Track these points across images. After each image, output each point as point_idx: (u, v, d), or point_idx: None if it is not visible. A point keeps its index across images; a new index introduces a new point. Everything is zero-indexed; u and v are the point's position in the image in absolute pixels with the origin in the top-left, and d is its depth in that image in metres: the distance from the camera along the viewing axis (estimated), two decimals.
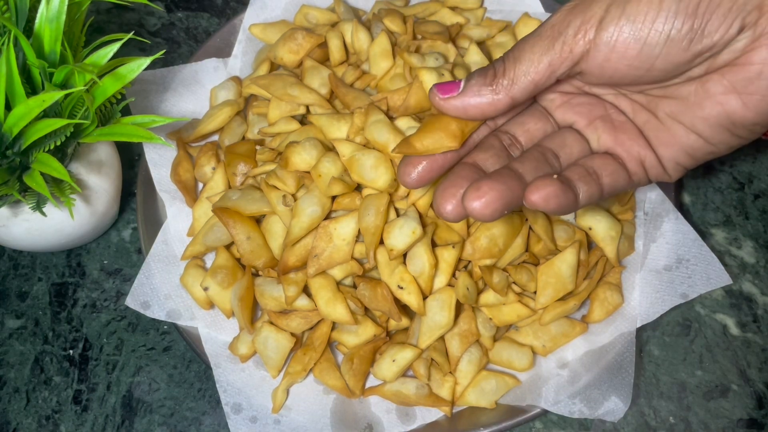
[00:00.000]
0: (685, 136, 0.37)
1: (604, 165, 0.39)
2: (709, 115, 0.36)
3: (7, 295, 0.58)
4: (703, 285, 0.53)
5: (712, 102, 0.35)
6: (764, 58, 0.32)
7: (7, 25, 0.44)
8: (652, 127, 0.38)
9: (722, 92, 0.35)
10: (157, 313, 0.53)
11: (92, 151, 0.53)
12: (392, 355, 0.49)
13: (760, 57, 0.32)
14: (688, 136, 0.37)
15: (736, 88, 0.34)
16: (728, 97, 0.34)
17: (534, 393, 0.51)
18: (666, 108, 0.37)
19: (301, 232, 0.49)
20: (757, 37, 0.32)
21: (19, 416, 0.53)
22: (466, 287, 0.49)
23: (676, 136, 0.38)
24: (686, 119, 0.37)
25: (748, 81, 0.33)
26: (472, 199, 0.35)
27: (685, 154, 0.38)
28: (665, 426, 0.52)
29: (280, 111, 0.56)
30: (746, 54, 0.33)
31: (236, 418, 0.50)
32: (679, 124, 0.37)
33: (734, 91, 0.34)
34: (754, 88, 0.33)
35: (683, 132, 0.37)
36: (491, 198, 0.35)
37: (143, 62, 0.47)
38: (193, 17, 0.71)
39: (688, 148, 0.37)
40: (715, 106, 0.35)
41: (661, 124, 0.38)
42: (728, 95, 0.34)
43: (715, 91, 0.35)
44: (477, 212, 0.35)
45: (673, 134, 0.38)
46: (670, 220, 0.55)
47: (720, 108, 0.35)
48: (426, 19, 0.61)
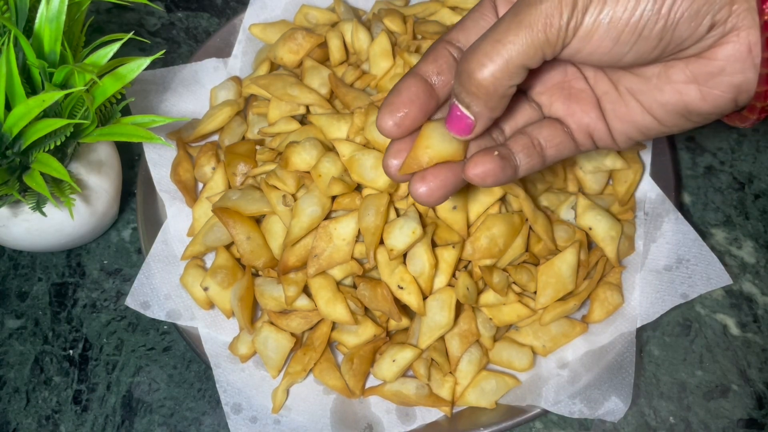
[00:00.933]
0: (640, 115, 0.37)
1: (551, 136, 0.38)
2: (667, 101, 0.36)
3: (7, 295, 0.58)
4: (704, 285, 0.53)
5: (671, 88, 0.35)
6: (728, 55, 0.32)
7: (7, 25, 0.44)
8: (611, 99, 0.38)
9: (683, 81, 0.34)
10: (157, 313, 0.53)
11: (92, 151, 0.53)
12: (392, 355, 0.49)
13: (724, 53, 0.33)
14: (644, 116, 0.37)
15: (697, 80, 0.34)
16: (688, 86, 0.34)
17: (534, 393, 0.51)
18: (627, 83, 0.37)
19: (301, 232, 0.49)
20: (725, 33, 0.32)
21: (19, 416, 0.53)
22: (466, 287, 0.49)
23: (631, 113, 0.37)
24: (644, 99, 0.37)
25: (710, 75, 0.33)
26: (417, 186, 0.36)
27: (637, 131, 0.38)
28: (665, 426, 0.52)
29: (280, 111, 0.56)
30: (712, 49, 0.33)
31: (236, 418, 0.50)
32: (637, 102, 0.37)
33: (695, 82, 0.34)
34: (715, 83, 0.33)
35: (639, 111, 0.37)
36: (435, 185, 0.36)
37: (143, 62, 0.47)
38: (193, 17, 0.71)
39: (641, 126, 0.37)
40: (674, 93, 0.35)
41: (620, 98, 0.38)
42: (689, 85, 0.34)
43: (676, 79, 0.35)
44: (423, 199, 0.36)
45: (629, 110, 0.37)
46: (670, 220, 0.55)
47: (678, 96, 0.35)
48: (426, 19, 0.61)
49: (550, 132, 0.38)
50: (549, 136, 0.38)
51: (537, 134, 0.38)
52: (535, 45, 0.33)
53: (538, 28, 0.32)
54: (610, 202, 0.56)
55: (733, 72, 0.33)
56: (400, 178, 0.38)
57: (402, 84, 0.37)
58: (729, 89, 0.33)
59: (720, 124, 0.64)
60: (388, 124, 0.36)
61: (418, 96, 0.36)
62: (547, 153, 0.38)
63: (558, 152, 0.39)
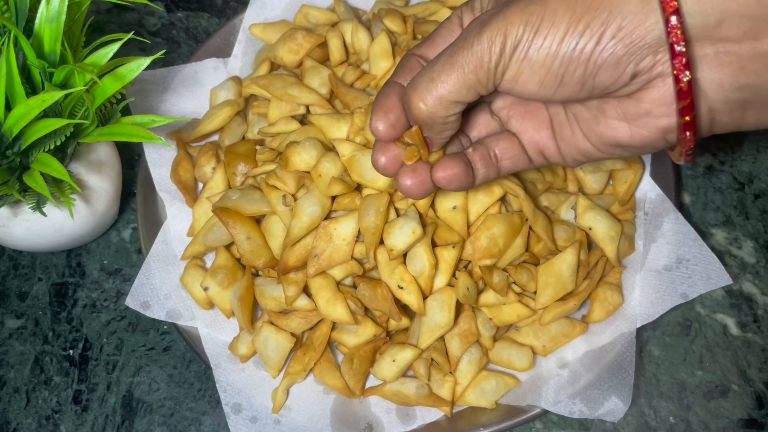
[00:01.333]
0: (582, 141, 0.38)
1: (507, 148, 0.40)
2: (602, 133, 0.37)
3: (7, 295, 0.58)
4: (704, 285, 0.53)
5: (605, 123, 0.36)
6: (653, 99, 0.33)
7: (7, 25, 0.44)
8: (559, 120, 0.39)
9: (615, 117, 0.35)
10: (157, 313, 0.53)
11: (92, 151, 0.53)
12: (392, 355, 0.49)
13: (650, 97, 0.33)
14: (584, 142, 0.38)
15: (627, 118, 0.35)
16: (620, 123, 0.35)
17: (534, 393, 0.51)
18: (574, 108, 0.38)
19: (301, 232, 0.49)
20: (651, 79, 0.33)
21: (19, 416, 0.53)
22: (466, 287, 0.49)
23: (575, 138, 0.38)
24: (584, 127, 0.38)
25: (638, 116, 0.34)
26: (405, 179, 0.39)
27: (580, 154, 0.39)
28: (665, 426, 0.52)
29: (280, 111, 0.56)
30: (640, 91, 0.33)
31: (236, 418, 0.50)
32: (579, 128, 0.38)
33: (625, 120, 0.35)
34: (642, 123, 0.34)
35: (581, 136, 0.38)
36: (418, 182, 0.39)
37: (143, 62, 0.47)
38: (193, 17, 0.71)
39: (583, 150, 0.38)
40: (606, 127, 0.36)
41: (566, 121, 0.39)
42: (620, 122, 0.35)
43: (610, 114, 0.36)
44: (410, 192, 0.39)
45: (573, 134, 0.38)
46: (670, 220, 0.55)
47: (610, 131, 0.36)
48: (426, 19, 0.61)
49: (506, 145, 0.40)
50: (504, 149, 0.40)
51: (494, 146, 0.40)
52: (466, 85, 0.35)
53: (469, 69, 0.35)
54: (610, 202, 0.56)
55: (659, 115, 0.34)
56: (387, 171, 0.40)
57: (385, 91, 0.39)
58: (655, 130, 0.34)
59: None
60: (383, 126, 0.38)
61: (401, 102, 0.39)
62: (501, 165, 0.41)
63: (512, 164, 0.41)
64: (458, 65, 0.35)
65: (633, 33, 0.31)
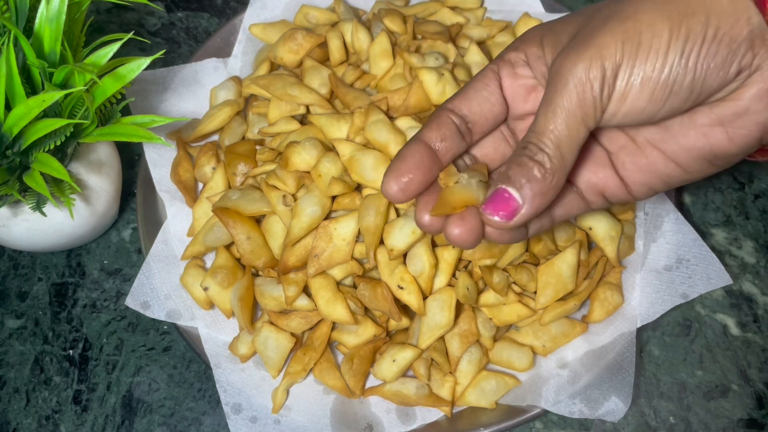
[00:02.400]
0: (663, 164, 0.37)
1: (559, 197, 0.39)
2: (693, 146, 0.36)
3: (7, 295, 0.58)
4: (704, 285, 0.53)
5: (697, 133, 0.35)
6: (753, 95, 0.33)
7: (7, 25, 0.44)
8: (629, 152, 0.38)
9: (708, 124, 0.35)
10: (157, 313, 0.53)
11: (92, 151, 0.53)
12: (392, 355, 0.49)
13: (749, 94, 0.33)
14: (667, 164, 0.37)
15: (723, 122, 0.34)
16: (714, 129, 0.35)
17: (534, 393, 0.51)
18: (647, 134, 0.37)
19: (301, 232, 0.49)
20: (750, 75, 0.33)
21: (19, 416, 0.53)
22: (466, 287, 0.49)
23: (653, 163, 0.37)
24: (667, 147, 0.37)
25: (736, 116, 0.34)
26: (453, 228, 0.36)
27: (659, 181, 0.38)
28: (665, 426, 0.52)
29: (280, 111, 0.56)
30: (736, 91, 0.33)
31: (236, 418, 0.50)
32: (659, 151, 0.37)
33: (720, 125, 0.34)
34: (741, 123, 0.34)
35: (661, 160, 0.37)
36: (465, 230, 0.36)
37: (143, 62, 0.47)
38: (193, 17, 0.71)
39: (664, 175, 0.37)
40: (699, 137, 0.35)
41: (639, 150, 0.38)
42: (714, 128, 0.35)
43: (701, 123, 0.35)
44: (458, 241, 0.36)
45: (650, 161, 0.37)
46: (670, 220, 0.55)
47: (705, 140, 0.35)
48: (426, 19, 0.61)
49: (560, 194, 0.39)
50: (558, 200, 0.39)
51: None
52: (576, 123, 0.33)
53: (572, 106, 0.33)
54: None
55: (758, 110, 0.33)
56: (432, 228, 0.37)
57: (406, 150, 0.37)
58: (756, 127, 0.34)
59: None
60: (393, 189, 0.37)
61: (423, 161, 0.37)
62: (555, 214, 0.39)
63: (566, 212, 0.40)
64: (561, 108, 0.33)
65: (731, 31, 0.32)
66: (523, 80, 0.38)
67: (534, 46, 0.37)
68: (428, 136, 0.37)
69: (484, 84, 0.38)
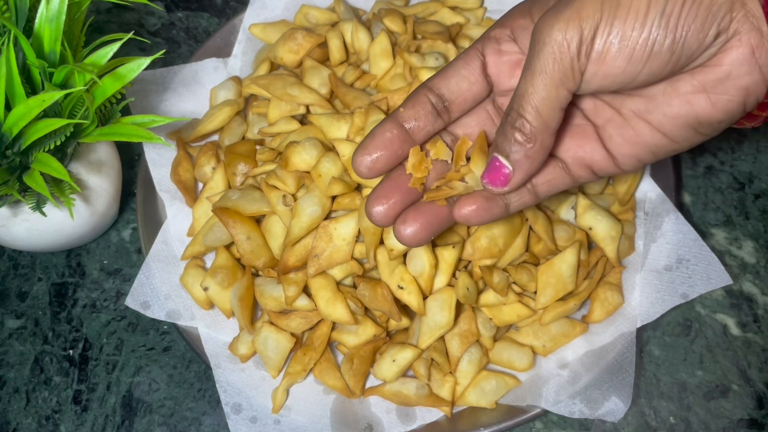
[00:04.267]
0: (649, 135, 0.37)
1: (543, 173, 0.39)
2: (677, 114, 0.36)
3: (7, 295, 0.58)
4: (704, 285, 0.53)
5: (680, 101, 0.35)
6: (733, 60, 0.33)
7: (7, 25, 0.44)
8: (616, 125, 0.38)
9: (691, 91, 0.35)
10: (157, 313, 0.53)
11: (92, 151, 0.53)
12: (392, 355, 0.49)
13: (729, 59, 0.33)
14: (653, 134, 0.37)
15: (705, 88, 0.34)
16: (697, 96, 0.35)
17: (534, 393, 0.51)
18: (632, 105, 0.38)
19: (301, 232, 0.49)
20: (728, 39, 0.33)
21: (19, 416, 0.53)
22: (466, 287, 0.49)
23: (640, 135, 0.38)
24: (653, 118, 0.37)
25: (718, 82, 0.34)
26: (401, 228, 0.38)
27: (647, 152, 0.38)
28: (665, 426, 0.52)
29: (280, 111, 0.56)
30: (716, 56, 0.33)
31: (236, 418, 0.50)
32: (645, 122, 0.37)
33: (703, 91, 0.35)
34: (723, 88, 0.34)
35: (648, 130, 0.37)
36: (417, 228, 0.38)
37: (143, 62, 0.47)
38: (193, 17, 0.71)
39: (651, 146, 0.38)
40: (683, 105, 0.35)
41: (625, 122, 0.38)
42: (697, 95, 0.35)
43: (684, 90, 0.35)
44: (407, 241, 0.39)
45: (637, 132, 0.38)
46: (671, 220, 0.55)
47: (688, 107, 0.35)
48: (426, 19, 0.61)
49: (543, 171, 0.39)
50: (542, 176, 0.39)
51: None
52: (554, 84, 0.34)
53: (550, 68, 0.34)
54: (610, 202, 0.56)
55: (740, 75, 0.33)
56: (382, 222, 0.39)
57: (378, 128, 0.39)
58: (737, 92, 0.34)
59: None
60: (361, 166, 0.38)
61: (392, 140, 0.38)
62: (539, 190, 0.40)
63: (551, 187, 0.40)
64: (538, 71, 0.34)
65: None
66: (508, 56, 0.39)
67: (521, 18, 0.38)
68: (402, 115, 0.39)
69: (465, 63, 0.39)
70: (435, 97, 0.39)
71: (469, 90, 0.39)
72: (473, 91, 0.39)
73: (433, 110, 0.39)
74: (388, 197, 0.39)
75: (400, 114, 0.39)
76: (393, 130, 0.38)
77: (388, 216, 0.39)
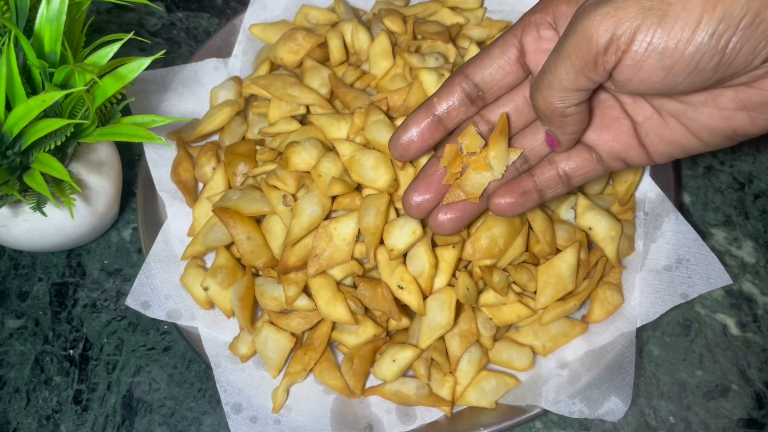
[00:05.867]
0: (685, 138, 0.38)
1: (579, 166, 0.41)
2: (716, 127, 0.37)
3: (7, 295, 0.58)
4: (703, 285, 0.53)
5: (720, 115, 0.36)
6: None
7: (8, 25, 0.44)
8: (654, 123, 0.39)
9: (732, 108, 0.36)
10: (157, 313, 0.53)
11: (92, 151, 0.54)
12: (392, 355, 0.49)
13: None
14: (689, 138, 0.38)
15: (747, 107, 0.35)
16: (738, 113, 0.36)
17: (534, 393, 0.51)
18: (671, 107, 0.38)
19: (301, 232, 0.49)
20: None
21: (19, 416, 0.53)
22: (466, 287, 0.49)
23: (676, 136, 0.38)
24: (691, 124, 0.37)
25: (761, 104, 0.35)
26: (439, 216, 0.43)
27: (680, 151, 0.39)
28: (665, 426, 0.52)
29: (280, 111, 0.56)
30: (762, 79, 0.34)
31: (236, 418, 0.50)
32: (682, 126, 0.38)
33: (744, 109, 0.35)
34: (764, 109, 0.35)
35: (684, 134, 0.38)
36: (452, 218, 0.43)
37: (143, 62, 0.47)
38: (193, 17, 0.71)
39: (685, 147, 0.39)
40: (723, 119, 0.36)
41: (663, 122, 0.39)
42: (738, 111, 0.35)
43: (725, 106, 0.36)
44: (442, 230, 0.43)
45: (673, 134, 0.38)
46: (670, 220, 0.55)
47: (727, 122, 0.36)
48: (426, 19, 0.61)
49: (578, 163, 0.41)
50: (576, 167, 0.42)
51: (564, 164, 0.41)
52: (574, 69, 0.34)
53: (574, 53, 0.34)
54: (610, 202, 0.56)
55: None
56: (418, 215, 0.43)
57: (412, 115, 0.42)
58: None
59: None
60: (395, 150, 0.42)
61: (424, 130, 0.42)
62: (573, 182, 0.42)
63: (584, 179, 0.42)
64: (564, 53, 0.34)
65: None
66: (548, 43, 0.39)
67: (564, 5, 0.38)
68: (435, 104, 0.41)
69: (502, 51, 0.40)
70: (469, 85, 0.40)
71: (504, 79, 0.40)
72: (508, 80, 0.41)
73: (466, 99, 0.41)
74: (425, 192, 0.42)
75: (433, 103, 0.41)
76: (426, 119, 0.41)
77: (425, 208, 0.42)
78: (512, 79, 0.40)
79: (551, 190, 0.42)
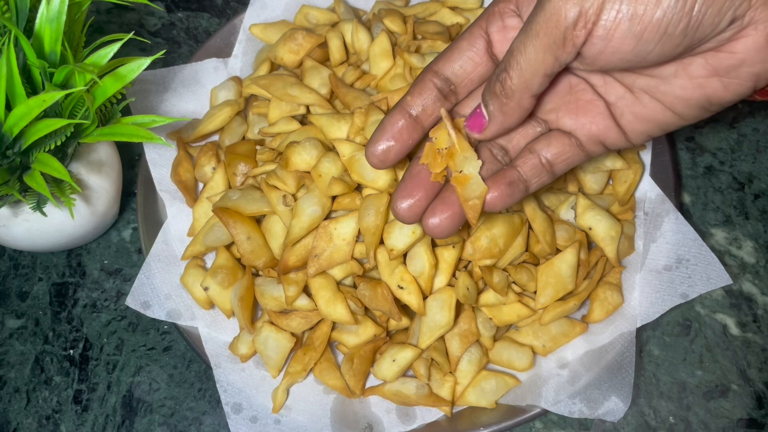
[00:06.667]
0: (660, 113, 0.38)
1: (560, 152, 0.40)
2: (690, 97, 0.36)
3: (7, 295, 0.58)
4: (703, 285, 0.53)
5: (693, 84, 0.36)
6: (748, 48, 0.33)
7: (8, 25, 0.44)
8: (627, 102, 0.39)
9: (704, 75, 0.35)
10: (157, 313, 0.53)
11: (92, 151, 0.54)
12: (392, 355, 0.50)
13: (743, 46, 0.33)
14: (664, 113, 0.38)
15: (718, 73, 0.35)
16: (710, 80, 0.35)
17: (534, 393, 0.51)
18: (642, 84, 0.38)
19: (301, 232, 0.49)
20: (743, 27, 0.33)
21: (19, 416, 0.53)
22: (466, 287, 0.49)
23: (650, 112, 0.38)
24: (665, 98, 0.37)
25: (731, 68, 0.34)
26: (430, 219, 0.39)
27: (657, 128, 0.39)
28: (665, 426, 0.52)
29: (280, 111, 0.56)
30: (730, 42, 0.34)
31: (236, 418, 0.50)
32: (656, 101, 0.38)
33: (715, 75, 0.35)
34: (735, 74, 0.35)
35: (659, 109, 0.38)
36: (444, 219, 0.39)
37: (143, 62, 0.47)
38: (193, 17, 0.71)
39: (662, 122, 0.38)
40: (696, 88, 0.36)
41: (636, 100, 0.39)
42: (710, 78, 0.35)
43: (697, 74, 0.36)
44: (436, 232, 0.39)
45: (648, 110, 0.38)
46: (670, 220, 0.55)
47: (701, 90, 0.36)
48: (426, 19, 0.61)
49: (558, 149, 0.40)
50: (558, 153, 0.41)
51: (545, 152, 0.40)
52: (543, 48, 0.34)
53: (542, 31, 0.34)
54: (610, 202, 0.56)
55: (753, 62, 0.34)
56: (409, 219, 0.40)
57: (386, 119, 0.40)
58: (749, 78, 0.35)
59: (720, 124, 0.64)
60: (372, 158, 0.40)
61: (401, 131, 0.40)
62: (556, 169, 0.41)
63: (567, 165, 0.41)
64: (532, 31, 0.34)
65: None
66: (513, 31, 0.39)
67: None
68: (409, 102, 0.40)
69: (470, 44, 0.39)
70: (441, 81, 0.40)
71: (475, 71, 0.40)
72: (479, 71, 0.40)
73: (440, 95, 0.40)
74: (412, 194, 0.39)
75: (407, 102, 0.40)
76: (401, 120, 0.39)
77: (415, 213, 0.40)
78: (483, 70, 0.40)
79: (536, 179, 0.40)
